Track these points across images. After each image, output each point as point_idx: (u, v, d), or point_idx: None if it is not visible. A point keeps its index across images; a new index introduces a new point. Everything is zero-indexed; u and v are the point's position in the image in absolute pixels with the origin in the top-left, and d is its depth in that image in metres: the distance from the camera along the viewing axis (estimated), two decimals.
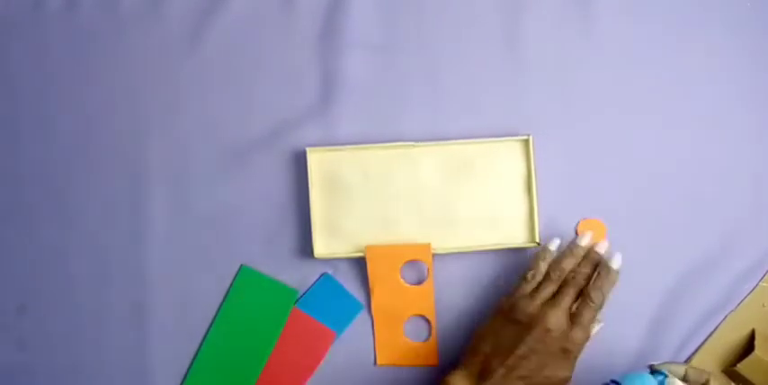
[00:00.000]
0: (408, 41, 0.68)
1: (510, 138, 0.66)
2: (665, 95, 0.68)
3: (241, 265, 0.65)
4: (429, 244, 0.65)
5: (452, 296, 0.66)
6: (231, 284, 0.65)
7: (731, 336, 0.66)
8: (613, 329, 0.64)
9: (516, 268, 0.66)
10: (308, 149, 0.65)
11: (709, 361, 0.65)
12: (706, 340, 0.66)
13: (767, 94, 0.68)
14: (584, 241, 0.62)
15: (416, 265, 0.65)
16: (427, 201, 0.66)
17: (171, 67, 0.68)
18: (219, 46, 0.68)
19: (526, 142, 0.66)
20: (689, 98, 0.68)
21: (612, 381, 0.56)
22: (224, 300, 0.65)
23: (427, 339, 0.66)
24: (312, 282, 0.66)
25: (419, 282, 0.65)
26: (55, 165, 0.67)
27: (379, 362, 0.65)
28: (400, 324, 0.65)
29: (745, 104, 0.68)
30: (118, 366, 0.66)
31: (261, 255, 0.66)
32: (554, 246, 0.62)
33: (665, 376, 0.55)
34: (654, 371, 0.57)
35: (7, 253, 0.67)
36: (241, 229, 0.67)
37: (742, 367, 0.63)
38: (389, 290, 0.65)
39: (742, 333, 0.66)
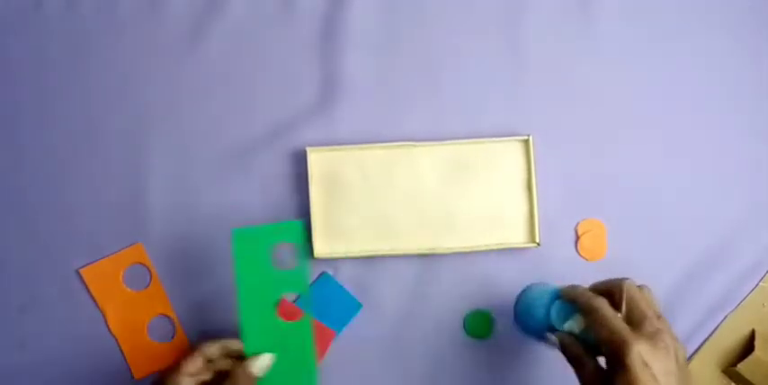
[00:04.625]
0: (408, 41, 0.68)
1: (510, 138, 0.66)
2: (665, 95, 0.68)
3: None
4: (140, 244, 0.65)
5: (451, 296, 0.66)
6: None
7: (731, 336, 0.66)
8: None
9: (516, 268, 0.66)
10: (308, 149, 0.65)
11: (709, 361, 0.65)
12: (706, 340, 0.66)
13: (766, 95, 0.68)
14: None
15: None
16: (427, 200, 0.66)
17: (171, 67, 0.68)
18: (219, 46, 0.68)
19: (526, 142, 0.66)
20: (688, 98, 0.68)
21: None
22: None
23: (173, 336, 0.66)
24: (312, 281, 0.66)
25: (147, 285, 0.66)
26: (55, 164, 0.67)
27: (136, 376, 0.66)
28: (143, 332, 0.66)
29: (744, 104, 0.68)
30: (119, 366, 0.66)
31: None
32: None
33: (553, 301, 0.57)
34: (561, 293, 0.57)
35: (7, 253, 0.67)
36: None
37: (742, 367, 0.63)
38: (120, 304, 0.66)
39: (742, 333, 0.66)
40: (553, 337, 0.56)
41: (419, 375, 0.65)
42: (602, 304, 0.52)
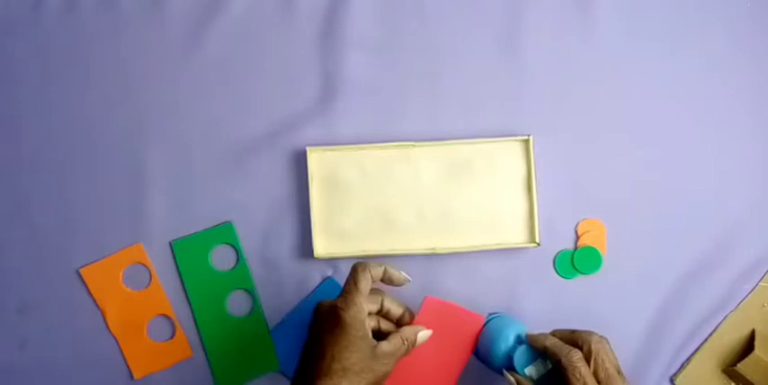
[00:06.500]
0: (408, 41, 0.68)
1: (510, 138, 0.66)
2: (665, 96, 0.68)
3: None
4: (140, 244, 0.65)
5: (451, 296, 0.66)
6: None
7: (731, 336, 0.66)
8: (614, 329, 0.64)
9: (516, 268, 0.66)
10: (308, 149, 0.65)
11: (710, 361, 0.65)
12: (706, 340, 0.66)
13: (766, 95, 0.68)
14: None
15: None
16: (427, 201, 0.66)
17: (171, 67, 0.68)
18: (219, 46, 0.68)
19: (526, 142, 0.66)
20: (688, 98, 0.68)
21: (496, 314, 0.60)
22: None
23: (173, 336, 0.66)
24: (312, 281, 0.66)
25: (147, 285, 0.66)
26: (55, 164, 0.67)
27: (136, 376, 0.66)
28: (143, 331, 0.66)
29: (744, 104, 0.68)
30: (119, 366, 0.66)
31: (261, 255, 0.66)
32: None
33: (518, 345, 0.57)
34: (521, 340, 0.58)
35: (7, 252, 0.67)
36: (241, 229, 0.67)
37: (742, 367, 0.63)
38: (120, 304, 0.66)
39: (742, 333, 0.66)
40: (511, 378, 0.57)
41: None
42: (581, 362, 0.54)
